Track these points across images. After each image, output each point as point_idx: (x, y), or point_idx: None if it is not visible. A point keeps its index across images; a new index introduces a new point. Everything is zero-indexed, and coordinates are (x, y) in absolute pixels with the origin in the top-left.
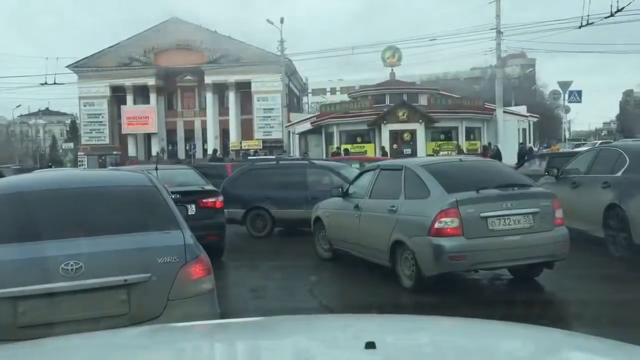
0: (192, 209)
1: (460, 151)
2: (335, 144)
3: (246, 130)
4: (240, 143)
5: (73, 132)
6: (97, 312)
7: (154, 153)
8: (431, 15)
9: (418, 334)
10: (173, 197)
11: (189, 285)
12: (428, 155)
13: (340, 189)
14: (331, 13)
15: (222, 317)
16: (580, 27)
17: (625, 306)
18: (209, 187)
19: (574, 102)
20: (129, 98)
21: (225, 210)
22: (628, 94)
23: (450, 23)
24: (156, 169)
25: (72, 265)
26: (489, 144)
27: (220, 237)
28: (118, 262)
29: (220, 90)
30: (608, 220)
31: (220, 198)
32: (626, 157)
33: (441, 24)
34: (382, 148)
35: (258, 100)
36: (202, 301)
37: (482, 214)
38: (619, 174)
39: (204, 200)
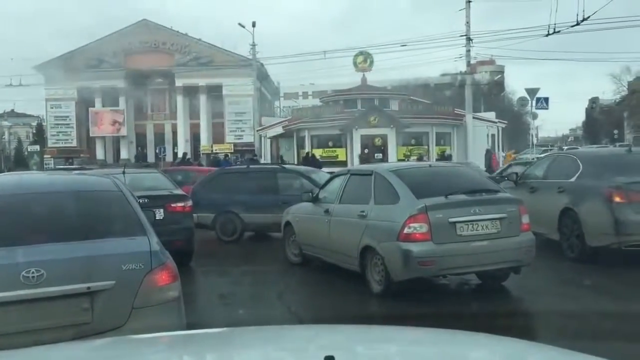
0: (160, 214)
1: (442, 157)
2: (307, 148)
3: (217, 134)
4: (212, 147)
5: (39, 134)
6: (60, 321)
7: (122, 156)
8: (406, 23)
9: (384, 345)
10: (140, 201)
11: (154, 293)
12: (399, 160)
13: (310, 194)
14: (305, 19)
15: (190, 324)
16: (547, 35)
17: (588, 314)
18: (178, 192)
19: (541, 108)
20: (98, 100)
21: (194, 214)
22: (594, 100)
23: (425, 30)
24: (124, 173)
25: (33, 272)
26: (492, 147)
27: (189, 242)
28: (81, 269)
29: (191, 93)
30: (563, 223)
31: (189, 202)
32: (580, 163)
33: (415, 31)
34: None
35: (229, 104)
36: (167, 309)
37: (450, 220)
38: (573, 179)
39: (172, 205)
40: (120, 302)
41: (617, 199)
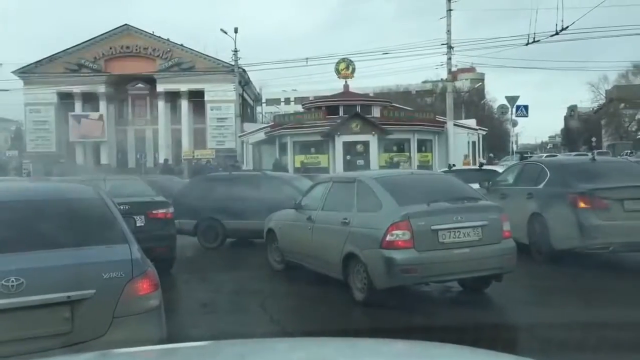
0: (141, 221)
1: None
2: (289, 155)
3: (199, 140)
4: (193, 152)
5: (18, 139)
6: (39, 331)
7: (102, 162)
8: (388, 31)
9: (371, 359)
10: (121, 208)
11: (135, 302)
12: (381, 167)
13: (293, 201)
14: (287, 26)
15: (171, 334)
16: (527, 44)
17: (567, 324)
18: (159, 198)
19: (521, 116)
20: (78, 105)
21: (176, 221)
22: (572, 108)
23: (406, 38)
24: (104, 180)
25: (12, 281)
26: (491, 155)
27: (170, 248)
28: (61, 278)
29: (172, 98)
30: (531, 228)
31: (171, 209)
32: (547, 171)
33: (397, 39)
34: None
35: (211, 110)
36: (148, 318)
37: (432, 227)
38: (541, 186)
39: (153, 212)
40: (100, 311)
41: (582, 205)
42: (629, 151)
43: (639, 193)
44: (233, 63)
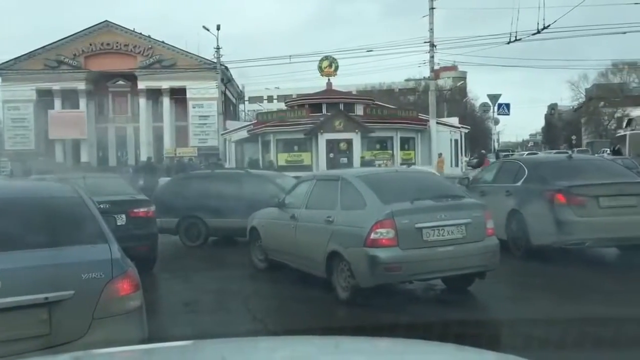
0: (121, 219)
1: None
2: (272, 153)
3: (181, 137)
4: (175, 150)
5: None
6: (16, 333)
7: (83, 160)
8: (372, 29)
9: (354, 356)
10: (102, 207)
11: (115, 303)
12: (362, 165)
13: (276, 199)
14: (270, 23)
15: (153, 334)
16: (508, 43)
17: (550, 321)
18: (140, 197)
19: (503, 114)
20: (57, 102)
21: (157, 219)
22: (552, 107)
23: (390, 36)
24: (84, 178)
25: None
26: (483, 152)
27: (151, 247)
28: (39, 279)
29: (154, 96)
30: (510, 224)
31: (152, 207)
32: (525, 168)
33: (381, 37)
34: None
35: (193, 107)
36: (129, 319)
37: (417, 225)
38: (519, 183)
39: (134, 210)
40: (79, 312)
41: (559, 201)
42: (608, 149)
43: (614, 190)
44: (215, 60)
